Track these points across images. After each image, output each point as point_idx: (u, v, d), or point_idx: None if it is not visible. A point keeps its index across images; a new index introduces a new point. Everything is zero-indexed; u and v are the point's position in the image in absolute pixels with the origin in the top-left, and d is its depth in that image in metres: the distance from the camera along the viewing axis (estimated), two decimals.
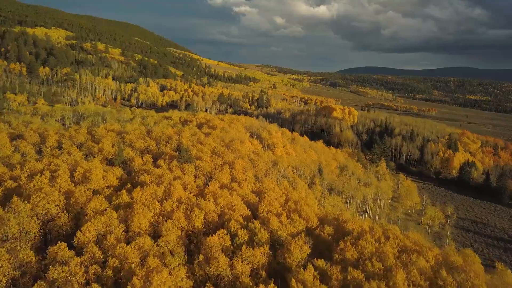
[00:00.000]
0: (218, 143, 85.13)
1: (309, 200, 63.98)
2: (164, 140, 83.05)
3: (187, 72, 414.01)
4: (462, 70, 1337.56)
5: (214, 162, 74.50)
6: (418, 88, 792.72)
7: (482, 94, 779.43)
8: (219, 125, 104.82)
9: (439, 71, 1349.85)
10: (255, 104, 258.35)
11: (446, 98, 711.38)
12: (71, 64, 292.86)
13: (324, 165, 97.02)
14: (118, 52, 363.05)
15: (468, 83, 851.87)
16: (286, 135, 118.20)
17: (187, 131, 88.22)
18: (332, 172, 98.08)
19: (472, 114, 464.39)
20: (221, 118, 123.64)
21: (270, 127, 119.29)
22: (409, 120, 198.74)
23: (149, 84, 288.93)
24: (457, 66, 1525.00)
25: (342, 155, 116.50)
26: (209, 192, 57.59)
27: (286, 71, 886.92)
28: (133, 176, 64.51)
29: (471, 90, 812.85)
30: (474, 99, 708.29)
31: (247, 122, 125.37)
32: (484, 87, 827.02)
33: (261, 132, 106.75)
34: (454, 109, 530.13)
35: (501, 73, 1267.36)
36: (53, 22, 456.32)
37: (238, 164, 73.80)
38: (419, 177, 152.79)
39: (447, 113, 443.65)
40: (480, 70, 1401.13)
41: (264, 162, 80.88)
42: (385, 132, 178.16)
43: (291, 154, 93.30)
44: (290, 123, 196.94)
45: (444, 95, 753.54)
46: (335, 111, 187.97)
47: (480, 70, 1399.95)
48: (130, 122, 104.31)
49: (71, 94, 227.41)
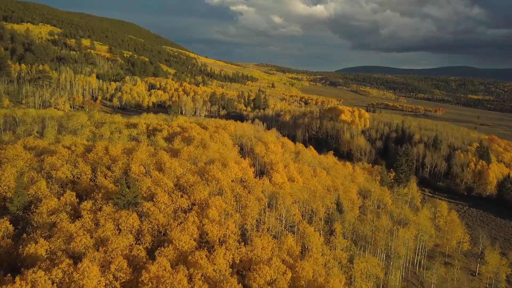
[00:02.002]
0: (188, 168, 56.08)
1: (333, 284, 35.09)
2: (105, 164, 53.95)
3: (180, 70, 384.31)
4: (460, 70, 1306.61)
5: (176, 204, 45.67)
6: (419, 87, 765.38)
7: (484, 93, 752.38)
8: (198, 136, 75.75)
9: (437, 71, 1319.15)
10: (252, 105, 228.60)
11: (448, 98, 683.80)
12: (51, 61, 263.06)
13: (342, 194, 68.10)
14: (105, 48, 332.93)
15: (469, 83, 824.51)
16: (288, 148, 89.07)
17: (142, 150, 58.96)
18: (353, 203, 69.14)
19: (478, 114, 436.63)
20: (204, 124, 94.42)
21: (267, 137, 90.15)
22: (428, 123, 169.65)
23: (136, 83, 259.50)
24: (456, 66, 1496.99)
25: (361, 174, 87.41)
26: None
27: (285, 70, 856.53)
28: (25, 239, 35.73)
29: (473, 89, 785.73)
30: (477, 98, 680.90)
31: (238, 129, 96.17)
32: (486, 86, 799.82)
33: (255, 146, 77.66)
34: (459, 109, 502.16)
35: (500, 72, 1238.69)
36: (41, 18, 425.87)
37: (213, 206, 44.95)
38: (447, 195, 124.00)
39: (455, 113, 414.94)
40: (479, 70, 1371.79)
41: (257, 199, 51.94)
42: (402, 138, 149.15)
43: (297, 180, 64.33)
44: (291, 127, 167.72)
45: (446, 95, 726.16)
46: (343, 113, 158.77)
47: (479, 70, 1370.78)
48: (76, 133, 75.13)
49: (44, 94, 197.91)
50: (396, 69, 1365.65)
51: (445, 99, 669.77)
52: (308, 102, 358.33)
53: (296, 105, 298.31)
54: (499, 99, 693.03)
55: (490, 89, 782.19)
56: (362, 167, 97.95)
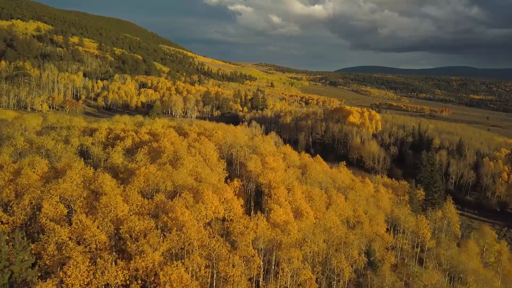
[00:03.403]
0: (139, 203, 35.49)
1: None
2: (5, 199, 33.36)
3: (175, 69, 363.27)
4: (460, 70, 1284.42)
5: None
6: (420, 87, 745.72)
7: (486, 93, 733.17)
8: (171, 147, 55.21)
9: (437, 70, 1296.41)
10: (249, 105, 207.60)
11: (450, 98, 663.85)
12: (35, 57, 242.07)
13: (368, 229, 47.72)
14: (95, 45, 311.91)
15: (471, 82, 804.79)
16: (291, 160, 68.27)
17: (74, 173, 38.12)
18: (385, 242, 48.77)
19: (484, 115, 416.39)
20: (184, 130, 73.64)
21: (265, 146, 69.41)
22: (446, 125, 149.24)
23: (126, 81, 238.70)
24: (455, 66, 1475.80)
25: (385, 195, 66.76)
26: None
27: (284, 69, 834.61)
28: None
29: (474, 89, 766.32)
30: (480, 98, 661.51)
31: (228, 135, 75.41)
32: (488, 86, 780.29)
33: (248, 160, 57.07)
34: (463, 109, 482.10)
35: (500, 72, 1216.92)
36: (32, 15, 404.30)
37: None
38: (478, 211, 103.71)
39: (460, 114, 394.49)
40: (478, 70, 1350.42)
41: (245, 260, 31.34)
42: (419, 143, 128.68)
43: (306, 214, 43.88)
44: (292, 130, 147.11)
45: (447, 95, 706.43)
46: (352, 114, 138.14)
47: (478, 70, 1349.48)
48: (7, 142, 54.56)
49: (20, 93, 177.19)
50: (396, 69, 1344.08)
51: (447, 99, 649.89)
52: (309, 102, 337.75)
53: (297, 105, 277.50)
54: (502, 99, 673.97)
55: (492, 89, 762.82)
56: (382, 182, 77.34)
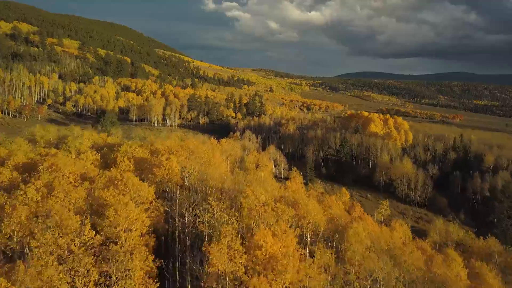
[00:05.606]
0: None
1: None
2: None
3: (166, 72, 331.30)
4: (459, 75, 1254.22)
5: None
6: (422, 93, 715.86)
7: (489, 99, 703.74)
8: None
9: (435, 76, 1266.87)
10: (243, 110, 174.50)
11: (454, 103, 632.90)
12: (4, 57, 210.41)
13: None
14: (76, 45, 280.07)
15: (473, 88, 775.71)
16: (313, 218, 35.38)
17: None
18: None
19: (495, 121, 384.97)
20: (119, 145, 41.01)
21: (259, 191, 36.18)
22: (488, 136, 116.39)
23: (105, 84, 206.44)
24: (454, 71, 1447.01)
25: (463, 271, 33.70)
26: None
27: (283, 75, 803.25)
28: None
29: (477, 95, 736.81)
30: (484, 104, 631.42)
31: (204, 157, 42.60)
32: (491, 92, 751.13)
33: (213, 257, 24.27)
34: (473, 115, 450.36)
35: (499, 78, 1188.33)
36: (17, 16, 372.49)
37: None
38: None
39: (472, 120, 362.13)
40: (477, 75, 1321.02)
41: None
42: (464, 161, 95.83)
43: None
44: (297, 142, 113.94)
45: (451, 100, 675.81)
46: (373, 122, 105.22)
47: (477, 75, 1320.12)
48: None
49: None
50: (395, 74, 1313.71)
51: (451, 104, 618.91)
52: (311, 108, 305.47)
53: (298, 111, 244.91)
54: (506, 104, 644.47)
55: (495, 94, 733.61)
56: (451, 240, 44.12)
